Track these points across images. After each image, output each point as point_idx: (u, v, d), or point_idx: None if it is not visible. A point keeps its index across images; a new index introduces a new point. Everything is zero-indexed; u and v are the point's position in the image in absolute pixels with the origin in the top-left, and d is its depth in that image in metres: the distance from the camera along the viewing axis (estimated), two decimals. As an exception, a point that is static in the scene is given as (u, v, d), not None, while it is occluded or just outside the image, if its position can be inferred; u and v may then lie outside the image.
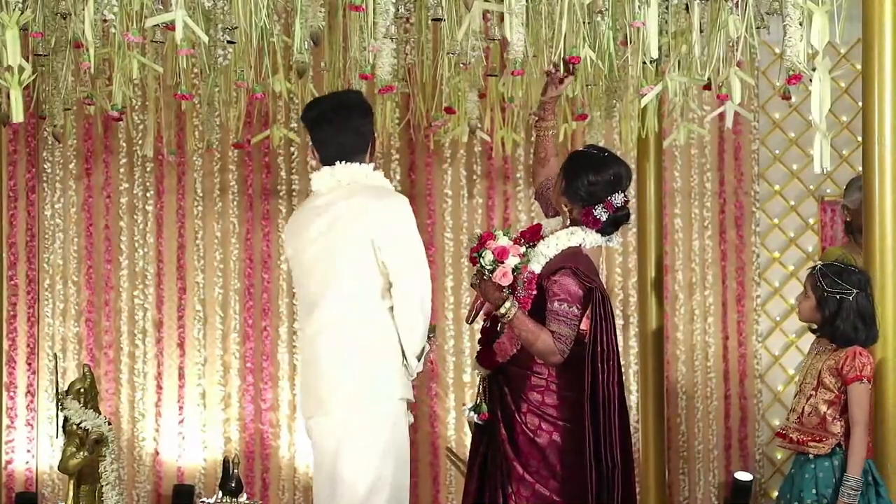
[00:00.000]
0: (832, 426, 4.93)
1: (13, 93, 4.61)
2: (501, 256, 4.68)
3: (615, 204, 4.84)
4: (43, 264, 7.43)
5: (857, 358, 4.89)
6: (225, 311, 7.47)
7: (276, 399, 7.45)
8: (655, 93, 5.12)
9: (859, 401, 4.88)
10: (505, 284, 4.70)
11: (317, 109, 4.74)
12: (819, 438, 4.95)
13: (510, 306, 4.71)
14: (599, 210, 4.83)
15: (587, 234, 4.86)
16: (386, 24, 4.90)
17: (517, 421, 4.82)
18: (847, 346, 4.92)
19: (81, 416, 5.31)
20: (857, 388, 4.88)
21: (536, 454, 4.81)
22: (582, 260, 4.83)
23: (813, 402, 4.98)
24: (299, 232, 4.73)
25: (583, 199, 4.84)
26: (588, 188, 4.83)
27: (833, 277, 4.94)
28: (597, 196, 4.83)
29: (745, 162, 7.67)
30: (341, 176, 4.66)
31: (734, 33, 4.85)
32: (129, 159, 7.45)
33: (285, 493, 7.43)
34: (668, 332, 7.44)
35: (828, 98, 4.76)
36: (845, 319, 4.92)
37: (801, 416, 5.01)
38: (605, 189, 4.84)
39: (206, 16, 5.01)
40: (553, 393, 4.81)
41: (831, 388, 4.93)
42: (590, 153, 4.94)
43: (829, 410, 4.94)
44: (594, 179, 4.83)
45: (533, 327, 4.73)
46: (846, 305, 4.91)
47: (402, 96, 6.43)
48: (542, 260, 4.80)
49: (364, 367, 4.59)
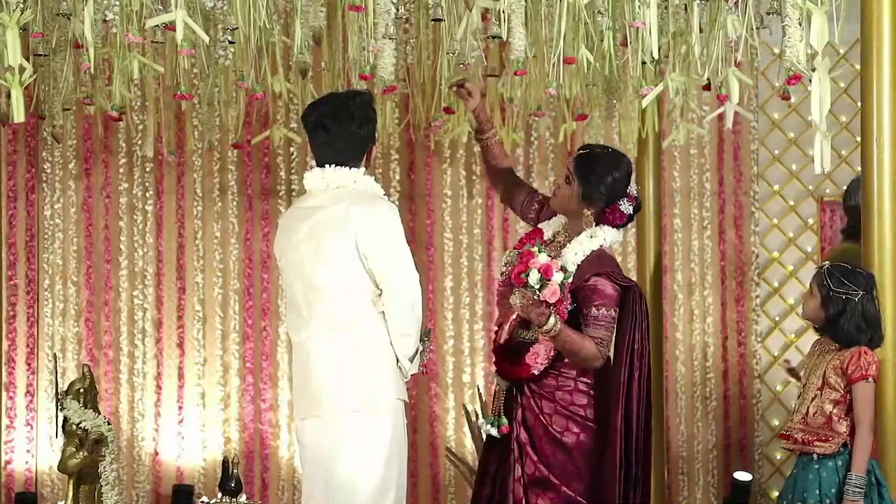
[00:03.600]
0: (838, 426, 4.92)
1: (13, 93, 4.61)
2: (547, 274, 4.62)
3: (634, 195, 4.90)
4: (42, 264, 7.43)
5: (862, 357, 4.88)
6: (224, 312, 7.47)
7: (275, 399, 7.45)
8: (655, 93, 5.13)
9: (864, 400, 4.88)
10: (552, 301, 4.65)
11: (316, 113, 4.73)
12: (825, 438, 4.94)
13: (555, 322, 4.67)
14: (626, 204, 4.87)
15: (606, 234, 4.86)
16: (386, 24, 4.91)
17: (541, 423, 4.81)
18: (851, 346, 4.92)
19: (81, 416, 5.30)
20: (863, 387, 4.88)
21: (562, 455, 4.80)
22: (608, 261, 4.85)
23: (818, 402, 4.97)
24: (286, 234, 4.74)
25: (606, 198, 4.85)
26: (612, 186, 4.84)
27: (840, 277, 4.95)
28: (620, 192, 4.86)
29: (744, 162, 7.67)
30: (331, 179, 4.66)
31: (733, 33, 4.86)
32: (128, 159, 7.45)
33: (285, 493, 7.43)
34: (668, 332, 7.45)
35: (827, 98, 4.77)
36: (849, 320, 4.91)
37: (805, 417, 5.00)
38: (625, 183, 4.87)
39: (205, 16, 5.02)
40: (582, 393, 4.81)
41: (837, 388, 4.93)
42: (599, 153, 4.94)
43: (834, 410, 4.93)
44: (617, 176, 4.85)
45: (577, 338, 4.72)
46: (851, 306, 4.90)
47: (402, 96, 6.44)
48: (572, 268, 4.76)
49: (359, 371, 4.59)
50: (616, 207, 4.86)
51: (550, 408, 4.81)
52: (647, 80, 5.35)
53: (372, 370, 4.61)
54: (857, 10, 4.86)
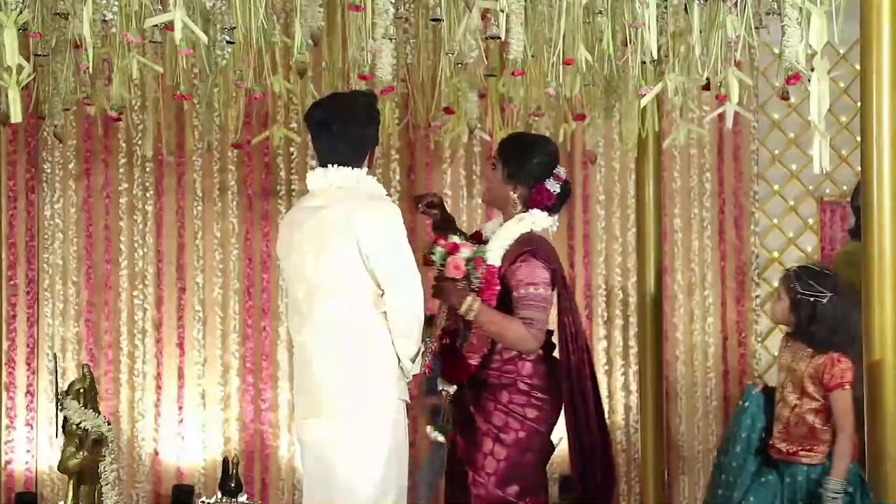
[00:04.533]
0: (822, 434, 4.93)
1: (11, 93, 4.61)
2: (453, 250, 4.65)
3: (563, 175, 4.85)
4: (42, 264, 7.43)
5: (835, 365, 4.90)
6: (224, 312, 7.47)
7: (275, 399, 7.45)
8: (655, 93, 5.13)
9: (843, 408, 4.88)
10: (458, 277, 4.65)
11: (319, 113, 4.72)
12: (810, 448, 4.95)
13: (472, 300, 4.66)
14: (552, 182, 4.81)
15: (535, 217, 4.80)
16: (385, 24, 4.90)
17: (485, 423, 4.75)
18: (826, 349, 4.92)
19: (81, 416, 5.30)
20: (840, 395, 4.89)
21: (504, 455, 4.73)
22: (538, 242, 4.77)
23: (798, 411, 4.96)
24: (288, 234, 4.74)
25: (534, 177, 4.81)
26: (536, 165, 4.81)
27: (807, 280, 4.95)
28: (546, 171, 4.81)
29: (744, 162, 7.67)
30: (333, 179, 4.65)
31: (733, 33, 4.85)
32: (128, 159, 7.45)
33: (284, 493, 7.43)
34: (668, 332, 7.44)
35: (826, 98, 4.76)
36: (820, 324, 4.92)
37: (787, 426, 4.99)
38: (549, 163, 4.82)
39: (205, 16, 5.02)
40: (523, 394, 4.75)
41: (815, 397, 4.93)
42: (521, 135, 4.98)
43: (816, 419, 4.93)
44: (540, 154, 4.82)
45: (500, 318, 4.67)
46: (820, 309, 4.91)
47: (402, 96, 6.43)
48: (500, 252, 4.73)
49: (361, 371, 4.59)
50: (542, 187, 4.80)
51: (491, 406, 4.76)
52: (647, 80, 5.35)
53: (373, 370, 4.60)
54: (857, 10, 4.86)
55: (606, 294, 7.61)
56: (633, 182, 7.26)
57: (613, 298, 7.58)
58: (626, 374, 7.56)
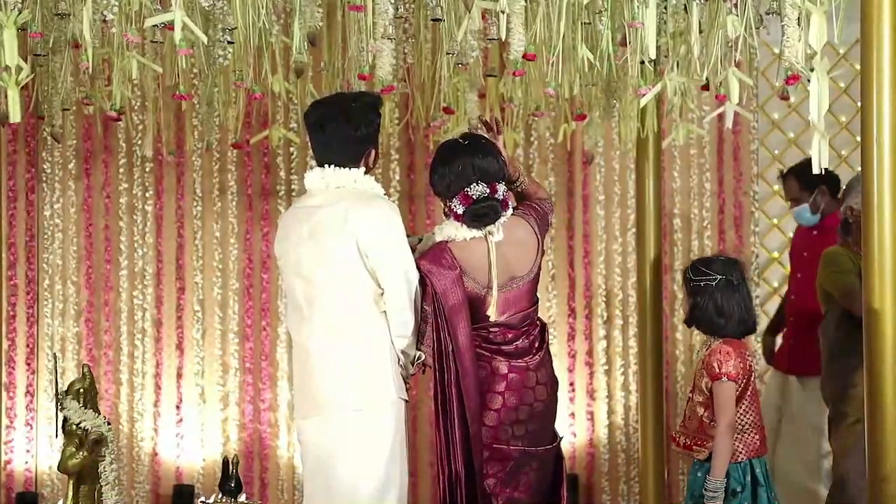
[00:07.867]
0: (710, 429, 4.78)
1: (10, 93, 4.61)
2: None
3: (472, 195, 4.69)
4: (42, 264, 7.43)
5: (715, 355, 4.76)
6: (224, 312, 7.47)
7: (274, 399, 7.45)
8: (654, 93, 5.12)
9: (719, 400, 4.71)
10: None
11: (316, 113, 4.73)
12: (701, 442, 4.82)
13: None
14: (456, 202, 4.71)
15: (458, 230, 4.73)
16: (385, 24, 4.90)
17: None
18: (715, 335, 4.80)
19: (81, 416, 5.29)
20: (718, 387, 4.72)
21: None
22: (433, 254, 4.71)
23: (691, 404, 4.85)
24: (287, 234, 4.75)
25: (441, 193, 4.77)
26: (440, 181, 4.75)
27: (699, 266, 4.88)
28: (452, 188, 4.72)
29: (744, 162, 7.67)
30: (330, 179, 4.66)
31: (733, 33, 4.85)
32: (128, 159, 7.45)
33: (284, 493, 7.43)
34: (668, 332, 7.44)
35: (826, 98, 4.76)
36: (702, 307, 4.81)
37: (684, 420, 4.90)
38: (457, 180, 4.71)
39: (204, 16, 5.02)
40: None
41: (703, 390, 4.79)
42: (448, 143, 4.85)
43: (705, 414, 4.81)
44: (443, 172, 4.74)
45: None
46: (708, 292, 4.79)
47: (402, 96, 6.43)
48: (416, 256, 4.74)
49: (361, 370, 4.59)
50: (448, 204, 4.74)
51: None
52: (647, 80, 5.35)
53: (373, 369, 4.61)
54: (857, 10, 4.86)
55: (606, 294, 7.60)
56: (632, 182, 7.25)
57: (613, 298, 7.58)
58: (626, 374, 7.56)
